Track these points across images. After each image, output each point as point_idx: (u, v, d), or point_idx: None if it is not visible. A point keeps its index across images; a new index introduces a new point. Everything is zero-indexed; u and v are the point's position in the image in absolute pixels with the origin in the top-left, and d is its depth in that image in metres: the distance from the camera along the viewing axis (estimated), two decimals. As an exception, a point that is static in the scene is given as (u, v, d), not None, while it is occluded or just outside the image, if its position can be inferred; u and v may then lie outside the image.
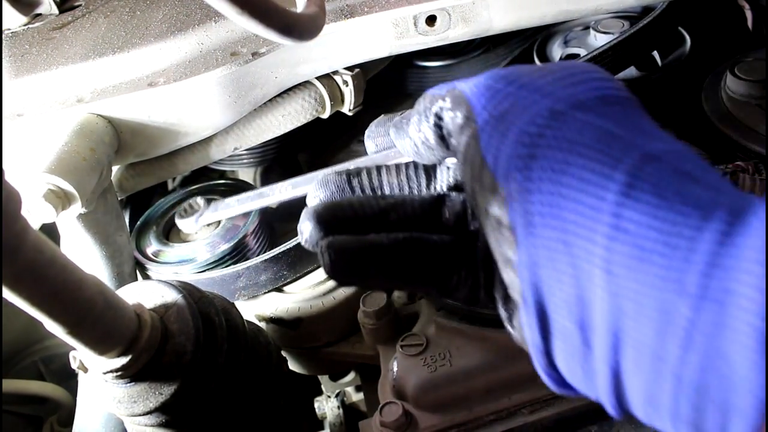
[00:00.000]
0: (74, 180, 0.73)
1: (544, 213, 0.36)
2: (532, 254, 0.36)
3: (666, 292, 0.31)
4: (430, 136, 0.46)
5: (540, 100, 0.39)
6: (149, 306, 0.65)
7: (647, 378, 0.33)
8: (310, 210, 0.47)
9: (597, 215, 0.34)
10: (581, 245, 0.34)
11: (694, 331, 0.31)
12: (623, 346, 0.34)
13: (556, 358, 0.38)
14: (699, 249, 0.31)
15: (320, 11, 0.68)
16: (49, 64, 0.88)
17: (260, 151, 1.10)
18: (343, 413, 1.06)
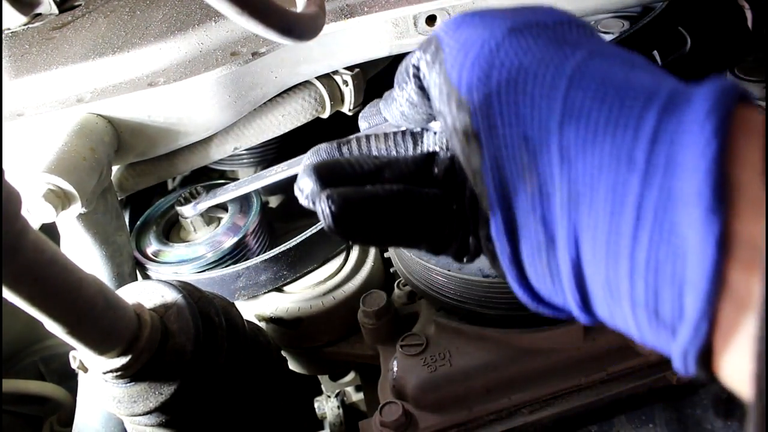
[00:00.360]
0: (74, 180, 0.73)
1: (503, 112, 0.38)
2: (496, 155, 0.38)
3: (616, 170, 0.32)
4: (412, 91, 0.47)
5: (500, 22, 0.41)
6: (149, 306, 0.65)
7: (605, 264, 0.34)
8: (308, 167, 0.48)
9: (551, 104, 0.35)
10: (538, 136, 0.36)
11: (644, 205, 0.31)
12: (581, 233, 0.34)
13: (525, 266, 0.39)
14: (645, 124, 0.32)
15: (320, 11, 0.68)
16: (49, 63, 0.88)
17: (260, 151, 1.10)
18: (343, 413, 1.06)
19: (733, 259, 0.29)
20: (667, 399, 0.76)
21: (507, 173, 0.38)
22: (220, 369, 0.68)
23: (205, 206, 0.94)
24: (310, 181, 0.47)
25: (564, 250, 0.36)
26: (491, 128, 0.38)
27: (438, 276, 0.76)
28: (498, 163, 0.38)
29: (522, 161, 0.37)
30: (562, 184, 0.35)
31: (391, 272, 0.96)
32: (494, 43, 0.40)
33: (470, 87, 0.40)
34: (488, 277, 0.72)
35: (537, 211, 0.36)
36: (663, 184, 0.31)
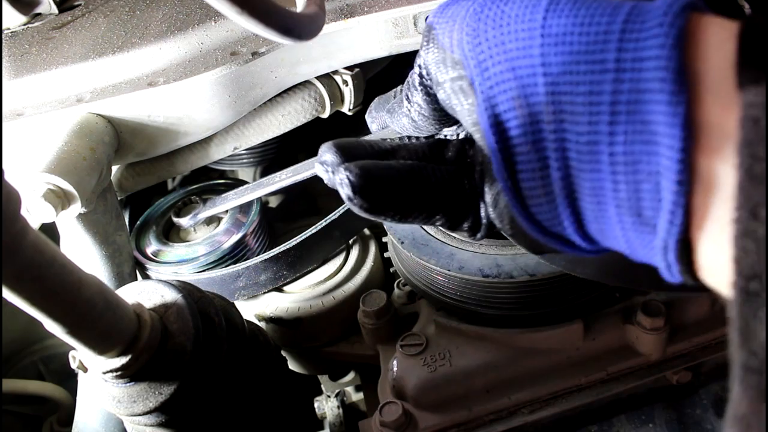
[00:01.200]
0: (74, 180, 0.73)
1: (492, 55, 0.40)
2: (489, 95, 0.41)
3: (591, 75, 0.35)
4: (419, 99, 0.50)
5: None
6: (149, 306, 0.65)
7: (590, 168, 0.36)
8: (329, 144, 0.50)
9: (532, 34, 0.38)
10: (523, 62, 0.39)
11: (618, 104, 0.34)
12: (567, 144, 0.37)
13: (526, 198, 0.41)
14: (613, 30, 0.35)
15: (320, 11, 0.68)
16: (49, 63, 0.88)
17: (260, 151, 1.10)
18: (343, 413, 1.06)
19: (702, 146, 0.31)
20: (667, 399, 0.76)
21: (500, 110, 0.40)
22: (219, 369, 0.68)
23: (203, 216, 0.94)
24: (331, 155, 0.50)
25: (555, 168, 0.38)
26: (483, 72, 0.41)
27: (438, 276, 0.76)
28: (491, 102, 0.41)
29: (512, 93, 0.39)
30: (548, 101, 0.38)
31: (391, 272, 0.96)
32: (478, 4, 0.43)
33: (460, 42, 0.43)
34: (488, 277, 0.72)
35: (529, 135, 0.39)
36: (632, 82, 0.33)
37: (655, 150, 0.32)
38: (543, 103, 0.38)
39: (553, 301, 0.74)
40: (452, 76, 0.44)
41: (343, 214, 0.91)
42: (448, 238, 0.78)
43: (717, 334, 0.77)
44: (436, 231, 0.80)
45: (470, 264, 0.74)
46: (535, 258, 0.72)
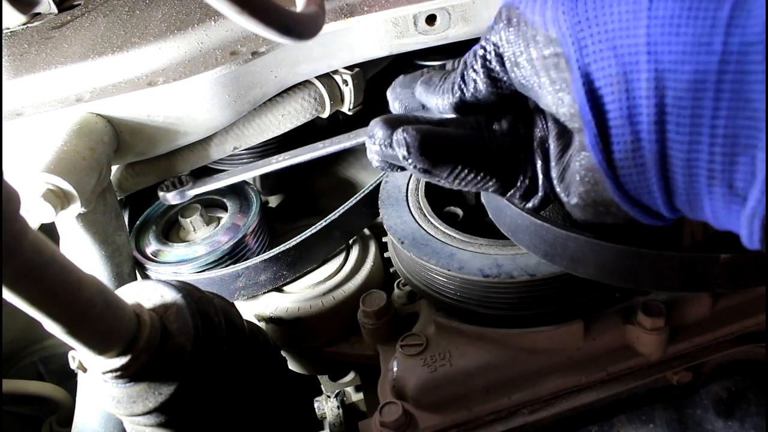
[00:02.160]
0: (73, 179, 0.72)
1: (591, 28, 0.42)
2: (587, 71, 0.43)
3: (697, 56, 0.37)
4: (479, 80, 0.52)
5: None
6: (148, 306, 0.65)
7: (689, 140, 0.39)
8: (377, 120, 0.52)
9: (637, 14, 0.40)
10: (625, 41, 0.41)
11: (723, 84, 0.37)
12: (667, 118, 0.40)
13: (617, 168, 0.44)
14: (720, 15, 0.37)
15: (320, 10, 0.68)
16: (49, 63, 0.88)
17: (260, 151, 1.10)
18: (342, 413, 1.06)
19: None
20: (667, 399, 0.76)
21: (597, 85, 0.42)
22: (219, 369, 0.68)
23: (192, 194, 0.93)
24: (380, 129, 0.51)
25: (650, 140, 0.41)
26: (582, 49, 0.43)
27: (438, 276, 0.76)
28: (588, 78, 0.43)
29: (611, 70, 0.41)
30: (649, 78, 0.40)
31: (391, 272, 0.96)
32: None
33: (556, 20, 0.44)
34: (488, 277, 0.72)
35: (624, 111, 0.41)
36: (738, 64, 0.36)
37: (756, 125, 0.35)
38: (644, 80, 0.40)
39: (553, 301, 0.74)
40: (546, 52, 0.46)
41: (343, 214, 0.90)
42: (448, 238, 0.78)
43: (717, 334, 0.77)
44: (436, 231, 0.80)
45: (470, 264, 0.73)
46: (535, 258, 0.72)
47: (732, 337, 0.77)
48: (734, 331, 0.77)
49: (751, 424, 0.73)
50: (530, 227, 0.67)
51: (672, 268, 0.61)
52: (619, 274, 0.64)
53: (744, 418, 0.74)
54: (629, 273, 0.63)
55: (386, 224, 0.83)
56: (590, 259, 0.63)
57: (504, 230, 0.71)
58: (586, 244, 0.63)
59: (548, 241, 0.65)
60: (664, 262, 0.61)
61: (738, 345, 0.77)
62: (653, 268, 0.62)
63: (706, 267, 0.60)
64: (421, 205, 0.84)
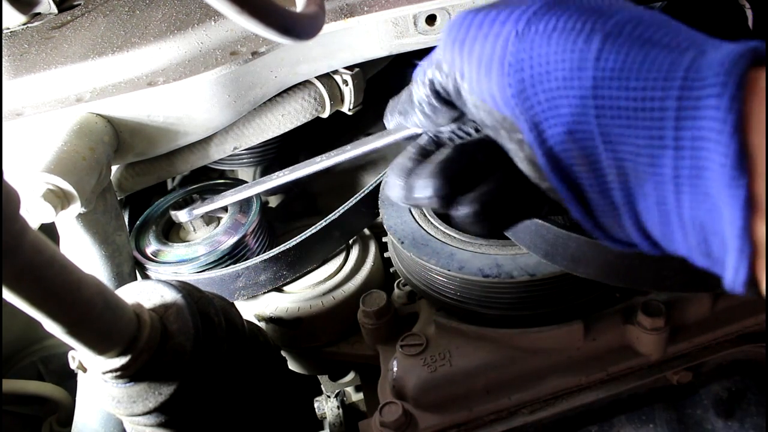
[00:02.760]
0: (73, 179, 0.72)
1: (544, 112, 0.43)
2: (547, 149, 0.44)
3: (651, 149, 0.38)
4: (432, 100, 0.53)
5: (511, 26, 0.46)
6: (149, 306, 0.65)
7: (659, 224, 0.40)
8: (436, 175, 0.51)
9: (584, 102, 0.41)
10: (581, 130, 0.41)
11: (681, 178, 0.37)
12: (637, 199, 0.41)
13: (601, 224, 0.45)
14: (668, 106, 0.37)
15: (320, 10, 0.68)
16: (49, 63, 0.88)
17: (260, 151, 1.10)
18: (342, 413, 1.06)
19: (759, 215, 0.34)
20: (667, 399, 0.76)
21: (565, 163, 0.43)
22: (219, 369, 0.68)
23: (201, 212, 0.94)
24: (442, 186, 0.51)
25: (625, 215, 0.42)
26: (539, 134, 0.44)
27: (438, 276, 0.76)
28: (554, 157, 0.44)
29: (573, 154, 0.42)
30: (610, 165, 0.41)
31: (391, 272, 0.96)
32: (513, 57, 0.44)
33: (507, 102, 0.45)
34: (488, 277, 0.72)
35: (595, 188, 0.43)
36: (693, 159, 0.36)
37: (719, 218, 0.36)
38: (605, 165, 0.41)
39: (553, 301, 0.74)
40: (504, 126, 0.47)
41: (343, 214, 0.90)
42: (448, 238, 0.78)
43: (717, 334, 0.77)
44: (436, 231, 0.80)
45: (470, 264, 0.73)
46: (535, 258, 0.72)
47: (732, 337, 0.77)
48: (734, 331, 0.77)
49: (751, 424, 0.73)
50: (531, 227, 0.67)
51: (672, 269, 0.61)
52: (620, 274, 0.64)
53: (744, 418, 0.74)
54: (629, 273, 0.63)
55: (386, 224, 0.83)
56: (591, 259, 0.63)
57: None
58: (587, 243, 0.63)
59: (549, 241, 0.65)
60: (664, 263, 0.61)
61: (738, 345, 0.77)
62: (653, 268, 0.62)
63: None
64: (421, 205, 0.84)
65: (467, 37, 0.47)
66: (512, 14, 0.46)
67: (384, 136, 0.77)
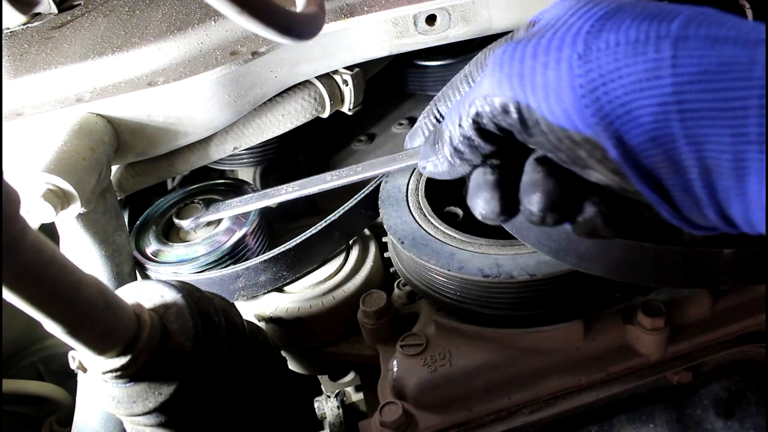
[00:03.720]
0: (73, 179, 0.72)
1: (624, 125, 0.45)
2: (631, 160, 0.45)
3: (734, 147, 0.40)
4: (476, 140, 0.54)
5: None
6: (149, 306, 0.65)
7: (743, 210, 0.43)
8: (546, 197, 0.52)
9: (666, 108, 0.42)
10: (664, 139, 0.43)
11: (763, 171, 0.39)
12: (719, 192, 0.43)
13: (687, 217, 0.47)
14: (751, 105, 0.39)
15: (320, 10, 0.68)
16: (49, 63, 0.88)
17: (260, 151, 1.10)
18: (342, 413, 1.06)
19: None
20: (667, 399, 0.76)
21: (651, 171, 0.45)
22: (219, 369, 0.68)
23: (205, 220, 0.94)
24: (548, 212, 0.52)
25: (709, 207, 0.44)
26: (622, 146, 0.45)
27: (438, 276, 0.76)
28: (642, 170, 0.45)
29: (657, 158, 0.44)
30: (693, 164, 0.43)
31: (391, 272, 0.96)
32: (578, 82, 0.46)
33: (585, 122, 0.46)
34: (488, 277, 0.72)
35: (679, 186, 0.45)
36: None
37: None
38: (689, 163, 0.43)
39: (553, 301, 0.74)
40: (585, 146, 0.48)
41: (343, 215, 0.90)
42: (448, 238, 0.78)
43: (717, 334, 0.77)
44: (436, 231, 0.80)
45: (470, 264, 0.73)
46: (536, 258, 0.72)
47: (732, 337, 0.77)
48: (734, 331, 0.77)
49: (751, 424, 0.73)
50: None
51: (674, 264, 0.61)
52: (625, 271, 0.64)
53: (744, 418, 0.74)
54: (634, 269, 0.63)
55: (386, 224, 0.83)
56: (597, 256, 0.64)
57: (509, 228, 0.71)
58: (594, 242, 0.63)
59: (555, 239, 0.65)
60: (666, 258, 0.62)
61: (738, 345, 0.77)
62: (657, 264, 0.63)
63: (710, 262, 0.60)
64: (421, 205, 0.84)
65: (524, 68, 0.48)
66: (565, 38, 0.47)
67: (396, 160, 0.77)
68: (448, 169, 0.59)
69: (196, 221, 0.94)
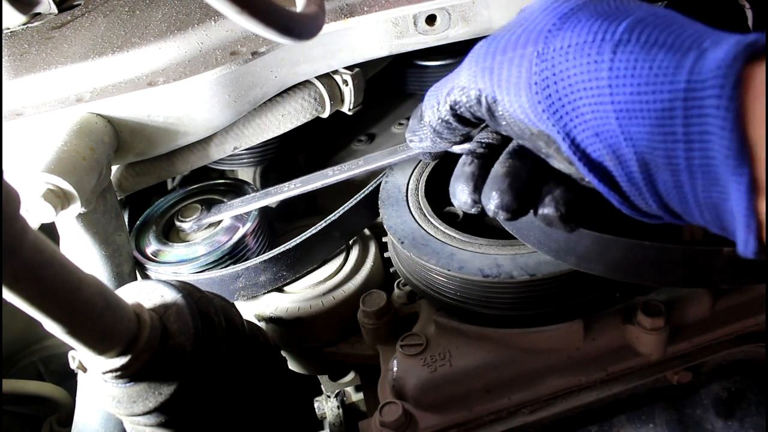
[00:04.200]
0: (73, 179, 0.72)
1: (572, 120, 0.48)
2: (580, 151, 0.49)
3: (665, 143, 0.43)
4: (450, 119, 0.59)
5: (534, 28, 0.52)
6: (149, 306, 0.65)
7: (680, 202, 0.46)
8: (505, 191, 0.56)
9: (603, 105, 0.46)
10: (604, 128, 0.46)
11: (692, 168, 0.42)
12: (657, 184, 0.47)
13: (629, 197, 0.50)
14: (676, 106, 0.42)
15: (320, 10, 0.68)
16: (49, 63, 0.88)
17: (260, 151, 1.10)
18: (342, 413, 1.06)
19: (761, 196, 0.39)
20: (667, 399, 0.76)
21: (597, 160, 0.49)
22: (219, 369, 0.68)
23: (206, 222, 0.95)
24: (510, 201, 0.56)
25: (650, 198, 0.48)
26: (571, 140, 0.49)
27: (438, 276, 0.76)
28: (587, 158, 0.49)
29: (602, 152, 0.48)
30: (632, 158, 0.46)
31: (391, 272, 0.96)
32: (538, 77, 0.49)
33: (539, 116, 0.50)
34: (488, 277, 0.72)
35: (623, 177, 0.48)
36: (701, 152, 0.41)
37: (728, 199, 0.41)
38: (629, 156, 0.46)
39: (553, 301, 0.74)
40: (541, 138, 0.52)
41: (343, 215, 0.90)
42: (448, 238, 0.78)
43: (717, 334, 0.77)
44: (436, 231, 0.80)
45: (470, 264, 0.73)
46: (536, 258, 0.72)
47: (732, 337, 0.77)
48: (734, 331, 0.77)
49: (751, 424, 0.73)
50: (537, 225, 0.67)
51: (675, 262, 0.61)
52: (625, 270, 0.64)
53: (744, 418, 0.74)
54: (634, 269, 0.63)
55: (386, 224, 0.83)
56: (597, 256, 0.64)
57: (509, 228, 0.71)
58: (594, 241, 0.63)
59: (555, 239, 0.65)
60: (666, 257, 0.62)
61: (738, 345, 0.77)
62: (656, 263, 0.63)
63: (710, 261, 0.60)
64: (421, 205, 0.84)
65: (494, 63, 0.52)
66: (531, 35, 0.51)
67: (397, 152, 0.78)
68: (431, 145, 0.64)
69: (198, 223, 0.95)
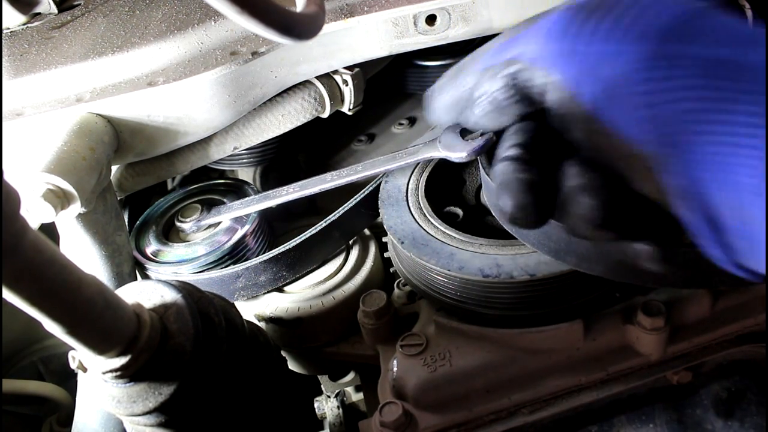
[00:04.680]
0: (73, 179, 0.72)
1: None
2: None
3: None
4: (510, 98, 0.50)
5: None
6: (149, 306, 0.65)
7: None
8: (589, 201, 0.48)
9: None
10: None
11: None
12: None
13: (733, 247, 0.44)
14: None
15: (320, 10, 0.68)
16: (49, 63, 0.88)
17: (260, 151, 1.10)
18: (342, 413, 1.06)
19: None
20: (667, 399, 0.76)
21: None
22: (219, 369, 0.68)
23: (207, 223, 0.95)
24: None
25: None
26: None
27: (438, 276, 0.76)
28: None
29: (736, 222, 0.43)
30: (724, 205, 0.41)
31: (391, 272, 0.96)
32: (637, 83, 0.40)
33: (645, 142, 0.41)
34: (488, 277, 0.72)
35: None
36: None
37: None
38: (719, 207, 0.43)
39: (553, 301, 0.74)
40: (628, 157, 0.44)
41: (343, 215, 0.90)
42: (448, 238, 0.78)
43: (717, 334, 0.77)
44: (436, 231, 0.80)
45: (470, 264, 0.73)
46: (536, 258, 0.72)
47: (732, 337, 0.77)
48: (734, 331, 0.77)
49: (751, 424, 0.73)
50: None
51: (674, 264, 0.61)
52: (625, 271, 0.64)
53: (744, 418, 0.74)
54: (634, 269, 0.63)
55: (386, 224, 0.83)
56: (598, 256, 0.64)
57: (509, 228, 0.71)
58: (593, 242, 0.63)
59: (555, 239, 0.65)
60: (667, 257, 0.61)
61: (738, 345, 0.77)
62: None
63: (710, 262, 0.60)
64: (421, 205, 0.84)
65: (590, 51, 0.40)
66: (649, 27, 0.40)
67: (396, 159, 0.78)
68: (487, 122, 0.51)
69: (198, 224, 0.95)
